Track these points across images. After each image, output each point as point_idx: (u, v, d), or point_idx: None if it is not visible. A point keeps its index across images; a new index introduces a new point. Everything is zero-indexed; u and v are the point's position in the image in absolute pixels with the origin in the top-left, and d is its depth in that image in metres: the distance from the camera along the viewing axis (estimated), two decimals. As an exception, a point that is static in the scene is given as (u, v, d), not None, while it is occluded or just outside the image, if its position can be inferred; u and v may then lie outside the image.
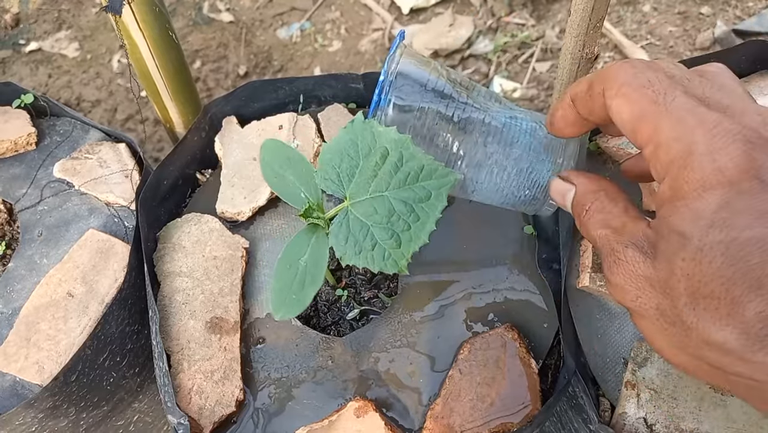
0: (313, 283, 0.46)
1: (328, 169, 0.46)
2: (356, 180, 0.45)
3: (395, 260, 0.43)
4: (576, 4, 0.54)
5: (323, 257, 0.46)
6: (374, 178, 0.44)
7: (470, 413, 0.50)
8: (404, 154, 0.43)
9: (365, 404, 0.51)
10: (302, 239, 0.48)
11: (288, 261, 0.47)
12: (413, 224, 0.43)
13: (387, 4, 1.48)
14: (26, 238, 0.65)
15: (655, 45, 1.28)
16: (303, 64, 1.41)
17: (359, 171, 0.45)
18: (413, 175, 0.43)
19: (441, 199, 0.43)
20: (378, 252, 0.43)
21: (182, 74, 0.74)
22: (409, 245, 0.43)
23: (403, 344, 0.55)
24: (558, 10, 1.38)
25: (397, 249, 0.43)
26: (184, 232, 0.63)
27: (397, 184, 0.44)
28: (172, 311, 0.58)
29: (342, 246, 0.44)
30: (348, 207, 0.45)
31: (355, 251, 0.44)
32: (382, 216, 0.43)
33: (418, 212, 0.43)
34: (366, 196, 0.44)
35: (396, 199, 0.43)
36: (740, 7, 1.30)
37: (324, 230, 0.47)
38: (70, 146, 0.72)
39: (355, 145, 0.45)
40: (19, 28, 1.55)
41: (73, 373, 0.54)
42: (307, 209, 0.48)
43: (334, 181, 0.46)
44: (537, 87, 1.28)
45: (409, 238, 0.43)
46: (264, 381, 0.55)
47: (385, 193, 0.44)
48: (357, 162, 0.45)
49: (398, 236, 0.43)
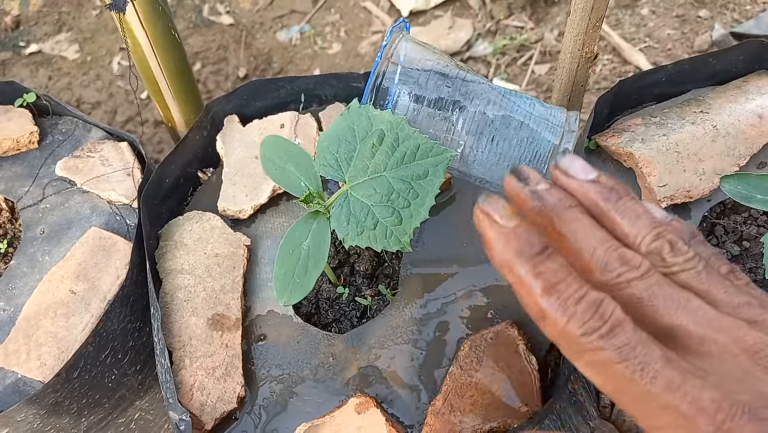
0: (316, 266, 0.46)
1: (327, 155, 0.47)
2: (354, 163, 0.46)
3: (397, 236, 0.44)
4: (576, 4, 0.55)
5: (325, 241, 0.47)
6: (372, 160, 0.45)
7: (470, 409, 0.50)
8: (400, 135, 0.45)
9: (366, 401, 0.51)
10: (303, 224, 0.49)
11: (290, 246, 0.48)
12: (413, 201, 0.44)
13: (386, 6, 1.49)
14: (28, 236, 0.65)
15: (653, 48, 1.29)
16: (303, 67, 1.41)
17: (357, 154, 0.46)
18: (410, 155, 0.44)
19: (438, 175, 0.44)
20: (380, 230, 0.44)
21: (184, 73, 0.75)
22: (410, 221, 0.44)
23: (403, 340, 0.56)
24: (557, 13, 1.39)
25: (398, 226, 0.44)
26: (186, 230, 0.63)
27: (394, 164, 0.45)
28: (173, 308, 0.58)
29: (344, 227, 0.45)
30: (348, 190, 0.46)
31: (357, 231, 0.45)
32: (382, 195, 0.44)
33: (416, 189, 0.44)
34: (365, 177, 0.45)
35: (395, 178, 0.44)
36: (738, 10, 1.31)
37: (324, 215, 0.48)
38: (72, 145, 0.72)
39: (351, 130, 0.46)
40: (19, 30, 1.56)
41: (75, 370, 0.55)
42: (308, 195, 0.48)
43: (333, 166, 0.47)
44: (536, 89, 1.29)
45: (410, 214, 0.44)
46: (265, 378, 0.55)
47: (383, 173, 0.45)
48: (354, 146, 0.46)
49: (399, 213, 0.44)
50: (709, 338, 0.30)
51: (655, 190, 0.57)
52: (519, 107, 0.48)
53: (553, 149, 0.49)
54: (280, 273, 0.47)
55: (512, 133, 0.48)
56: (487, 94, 0.47)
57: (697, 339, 0.31)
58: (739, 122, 0.60)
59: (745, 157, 0.59)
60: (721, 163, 0.58)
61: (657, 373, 0.28)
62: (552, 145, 0.48)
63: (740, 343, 0.30)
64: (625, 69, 1.27)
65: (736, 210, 0.60)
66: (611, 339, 0.29)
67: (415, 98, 0.47)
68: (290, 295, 0.46)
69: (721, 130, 0.60)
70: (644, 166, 0.58)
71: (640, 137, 0.60)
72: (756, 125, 0.60)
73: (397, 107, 0.48)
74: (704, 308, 0.31)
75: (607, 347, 0.29)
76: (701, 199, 0.59)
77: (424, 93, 0.48)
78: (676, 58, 1.24)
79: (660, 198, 0.57)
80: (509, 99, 0.48)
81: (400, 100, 0.48)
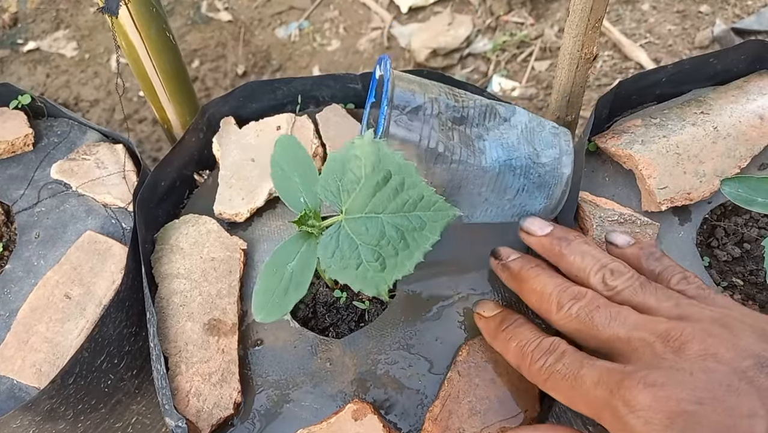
0: (297, 290, 0.46)
1: (330, 180, 0.46)
2: (355, 196, 0.45)
3: (376, 283, 0.42)
4: (574, 4, 0.54)
5: (310, 266, 0.46)
6: (372, 198, 0.44)
7: (469, 415, 0.50)
8: (406, 181, 0.43)
9: (363, 406, 0.51)
10: (292, 245, 0.48)
11: (275, 265, 0.47)
12: (401, 252, 0.43)
13: (385, 3, 1.48)
14: (23, 239, 0.64)
15: (654, 44, 1.28)
16: (302, 64, 1.40)
17: (360, 188, 0.44)
18: (411, 203, 0.43)
19: (434, 232, 0.43)
20: (362, 272, 0.43)
21: (179, 75, 0.74)
22: (393, 271, 0.42)
23: (401, 345, 0.55)
24: (557, 9, 1.38)
25: (380, 273, 0.42)
26: (182, 233, 0.63)
27: (393, 209, 0.43)
28: (169, 313, 0.58)
29: (328, 259, 0.44)
30: (342, 221, 0.45)
31: (340, 266, 0.44)
32: (373, 237, 0.43)
33: (408, 240, 0.43)
34: (361, 214, 0.44)
35: (389, 224, 0.43)
36: (739, 5, 1.30)
37: (315, 239, 0.47)
38: (67, 147, 0.71)
39: (359, 161, 0.45)
40: (17, 28, 1.55)
41: (70, 376, 0.54)
42: (303, 216, 0.47)
43: (334, 193, 0.46)
44: (536, 86, 1.28)
45: (394, 264, 0.42)
46: (262, 383, 0.55)
47: (380, 215, 0.44)
48: (359, 179, 0.45)
49: (384, 260, 0.43)
50: (633, 336, 0.37)
51: (655, 192, 0.57)
52: (513, 185, 0.48)
53: (544, 208, 0.50)
54: (260, 290, 0.47)
55: (505, 204, 0.48)
56: (481, 177, 0.47)
57: (626, 341, 0.38)
58: (740, 123, 0.59)
59: (746, 158, 0.58)
60: (722, 165, 0.58)
61: (583, 375, 0.38)
62: (544, 206, 0.49)
63: (655, 332, 0.36)
64: (625, 65, 1.26)
65: (737, 212, 0.60)
66: (559, 363, 0.40)
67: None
68: (267, 313, 0.46)
69: (722, 132, 0.59)
70: (644, 168, 0.58)
71: (640, 139, 0.60)
72: (757, 126, 0.59)
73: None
74: (633, 316, 0.39)
75: (558, 369, 0.40)
76: (702, 201, 0.58)
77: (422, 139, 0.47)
78: (677, 54, 1.24)
79: (660, 200, 0.57)
80: (504, 176, 0.47)
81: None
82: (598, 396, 0.36)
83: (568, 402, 0.39)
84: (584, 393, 0.37)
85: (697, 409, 0.32)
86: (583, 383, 0.37)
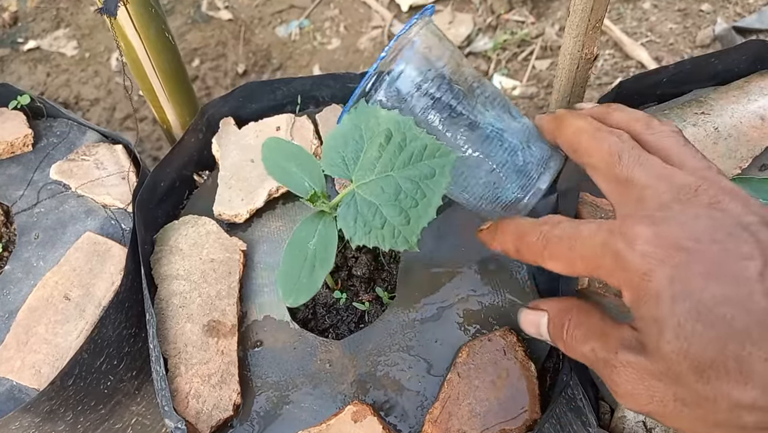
0: (323, 267, 0.46)
1: (333, 155, 0.47)
2: (361, 162, 0.45)
3: (405, 237, 0.43)
4: (575, 4, 0.54)
5: (332, 241, 0.47)
6: (379, 159, 0.45)
7: (469, 417, 0.50)
8: (407, 135, 0.44)
9: (363, 408, 0.51)
10: (309, 225, 0.48)
11: (297, 246, 0.48)
12: (420, 201, 0.44)
13: (386, 1, 1.48)
14: (23, 240, 0.64)
15: (656, 42, 1.27)
16: (302, 62, 1.40)
17: (364, 154, 0.45)
18: (417, 155, 0.44)
19: (444, 175, 0.44)
20: (387, 230, 0.44)
21: (179, 75, 0.74)
22: (419, 220, 0.43)
23: (401, 347, 0.55)
24: (558, 8, 1.37)
25: (406, 226, 0.43)
26: (182, 234, 0.63)
27: (402, 164, 0.44)
28: (169, 314, 0.58)
29: (351, 226, 0.45)
30: (354, 189, 0.45)
31: (364, 231, 0.44)
32: (390, 195, 0.44)
33: (424, 189, 0.44)
34: (372, 177, 0.45)
35: (402, 178, 0.44)
36: (741, 4, 1.30)
37: (330, 215, 0.48)
38: (66, 148, 0.71)
39: (359, 130, 0.46)
40: (17, 27, 1.55)
41: (70, 377, 0.54)
42: (313, 195, 0.49)
43: (339, 166, 0.46)
44: (537, 85, 1.27)
45: (418, 214, 0.43)
46: (261, 385, 0.55)
47: (391, 173, 0.45)
48: (362, 145, 0.46)
49: (407, 212, 0.44)
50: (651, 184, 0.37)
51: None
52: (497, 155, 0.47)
53: (516, 200, 0.48)
54: (285, 271, 0.47)
55: (482, 174, 0.47)
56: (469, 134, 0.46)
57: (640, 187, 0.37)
58: (741, 124, 0.59)
59: (747, 159, 0.58)
60: (723, 166, 0.58)
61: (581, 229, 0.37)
62: (516, 197, 0.48)
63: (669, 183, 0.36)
64: (626, 64, 1.26)
65: (738, 213, 0.60)
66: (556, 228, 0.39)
67: (416, 87, 0.46)
68: (297, 295, 0.46)
69: (723, 132, 0.59)
70: (644, 169, 0.57)
71: (641, 139, 0.59)
72: (758, 127, 0.59)
73: (395, 83, 0.46)
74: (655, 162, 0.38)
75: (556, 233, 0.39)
76: (702, 203, 0.58)
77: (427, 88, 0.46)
78: (678, 53, 1.23)
79: (660, 201, 0.56)
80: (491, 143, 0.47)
81: (402, 80, 0.46)
82: (596, 242, 0.35)
83: (566, 266, 0.38)
84: (582, 246, 0.36)
85: (694, 246, 0.32)
86: (582, 235, 0.36)
